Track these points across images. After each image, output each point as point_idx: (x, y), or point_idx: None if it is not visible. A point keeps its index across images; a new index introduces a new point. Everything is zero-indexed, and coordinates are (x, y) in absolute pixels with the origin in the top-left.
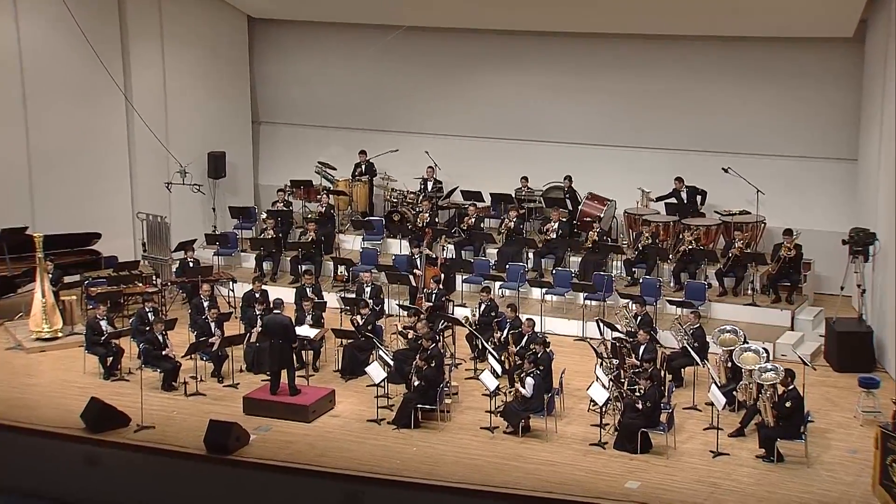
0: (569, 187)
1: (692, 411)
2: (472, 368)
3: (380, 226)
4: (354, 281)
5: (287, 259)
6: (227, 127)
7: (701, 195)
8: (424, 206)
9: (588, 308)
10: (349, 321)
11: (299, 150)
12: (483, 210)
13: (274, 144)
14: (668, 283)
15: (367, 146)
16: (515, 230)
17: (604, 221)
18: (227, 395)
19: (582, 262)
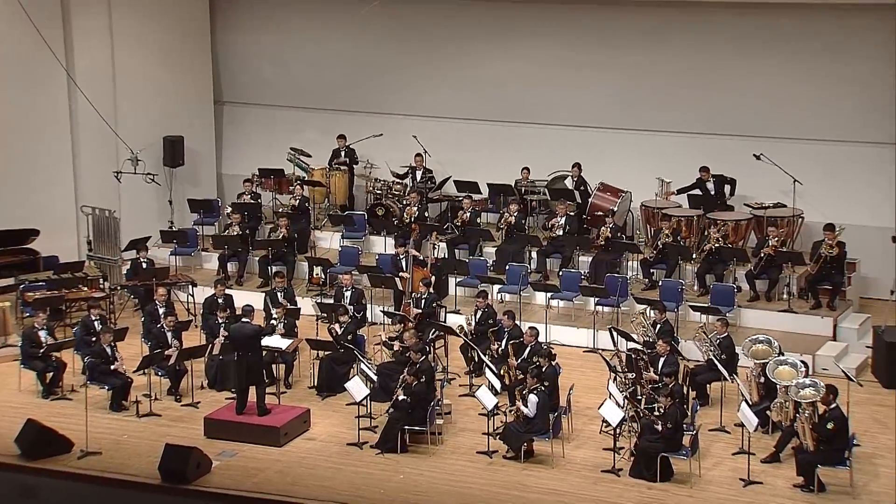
0: (578, 177)
1: (719, 433)
2: (468, 384)
3: (361, 221)
4: (332, 284)
5: (255, 259)
6: (186, 108)
7: (730, 185)
8: (412, 198)
9: (600, 315)
10: (326, 330)
11: (269, 134)
12: (479, 203)
13: (239, 128)
14: (691, 287)
15: (346, 130)
16: (516, 226)
17: (617, 216)
18: (186, 415)
19: (592, 262)
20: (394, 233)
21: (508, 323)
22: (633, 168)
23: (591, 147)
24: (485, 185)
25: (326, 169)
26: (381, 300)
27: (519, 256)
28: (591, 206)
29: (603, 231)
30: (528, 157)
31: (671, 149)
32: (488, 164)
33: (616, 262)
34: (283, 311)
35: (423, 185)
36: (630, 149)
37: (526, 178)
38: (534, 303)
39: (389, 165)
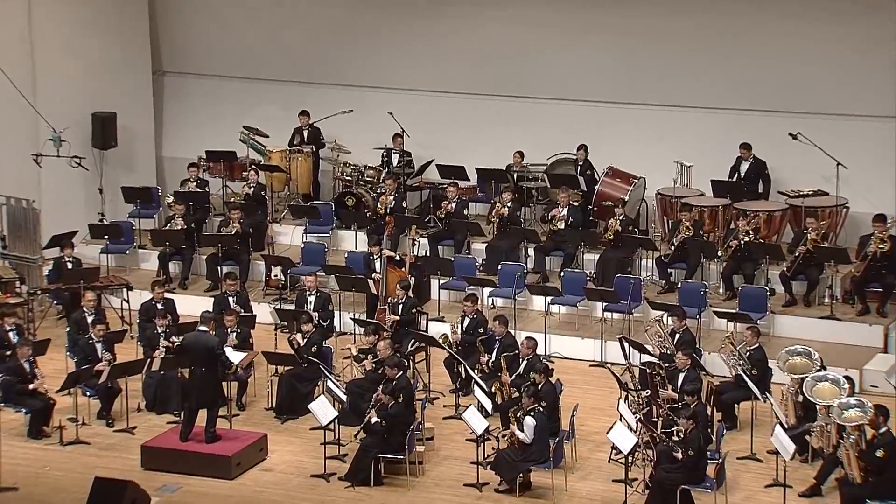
0: (583, 160)
1: (750, 462)
2: (453, 405)
3: (328, 213)
4: (294, 287)
5: (202, 258)
6: (119, 79)
7: (764, 181)
8: (388, 186)
9: (609, 323)
10: (286, 342)
11: (218, 110)
12: (467, 191)
13: (183, 103)
14: (715, 289)
15: (310, 106)
16: (510, 218)
17: (629, 206)
18: (120, 443)
19: (600, 260)
20: (366, 227)
21: (500, 331)
22: (648, 150)
23: (597, 125)
24: (473, 171)
25: (286, 151)
26: (351, 306)
27: (513, 254)
28: (599, 194)
29: (612, 224)
30: (524, 137)
31: (692, 127)
32: (477, 145)
33: (627, 260)
34: (236, 320)
35: (400, 170)
36: (644, 127)
37: (521, 162)
38: (531, 309)
39: (361, 147)
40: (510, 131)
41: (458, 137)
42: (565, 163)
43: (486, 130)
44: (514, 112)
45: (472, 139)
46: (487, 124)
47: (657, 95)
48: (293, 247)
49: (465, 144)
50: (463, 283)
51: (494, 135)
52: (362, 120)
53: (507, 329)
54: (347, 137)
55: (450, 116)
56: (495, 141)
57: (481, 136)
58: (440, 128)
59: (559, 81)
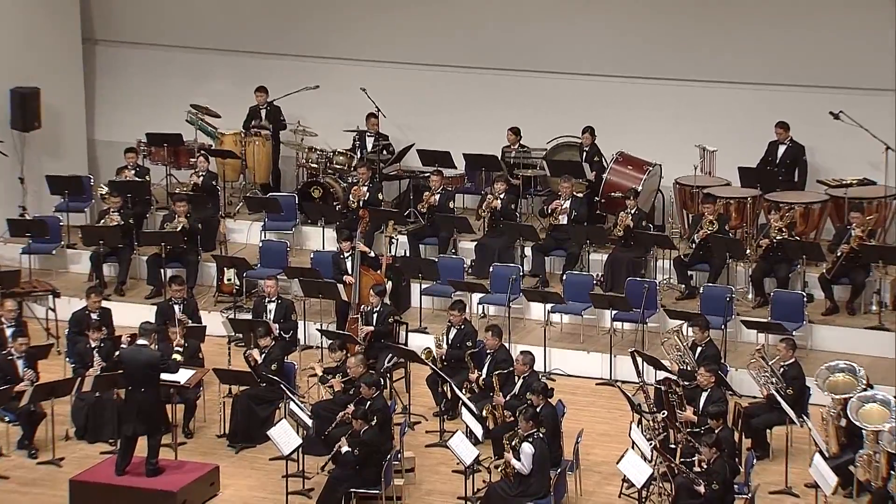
0: (590, 145)
1: (785, 497)
2: (437, 430)
3: (290, 206)
4: (250, 294)
5: (142, 259)
6: (42, 49)
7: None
8: (361, 174)
9: (619, 334)
10: (242, 357)
11: (161, 86)
12: (453, 181)
13: (120, 77)
14: (744, 295)
15: (268, 81)
16: (504, 212)
17: (642, 198)
18: (45, 476)
19: (609, 261)
20: (335, 222)
21: (492, 344)
22: (665, 132)
23: (606, 104)
24: (460, 157)
25: (241, 134)
26: (317, 315)
27: (507, 254)
28: (607, 184)
29: (623, 219)
30: (521, 118)
31: (716, 105)
32: (465, 127)
33: (640, 261)
34: (183, 331)
35: (375, 156)
36: (660, 106)
37: (516, 141)
38: (528, 318)
39: (329, 130)
40: (504, 111)
41: (442, 118)
42: (568, 147)
43: (475, 110)
44: (509, 89)
45: (459, 120)
46: (477, 103)
47: (675, 68)
48: (250, 246)
49: (452, 126)
50: (449, 289)
51: (485, 115)
52: (330, 98)
53: (500, 342)
54: (313, 118)
55: (433, 94)
56: (486, 123)
57: (470, 116)
58: (422, 107)
59: (561, 53)
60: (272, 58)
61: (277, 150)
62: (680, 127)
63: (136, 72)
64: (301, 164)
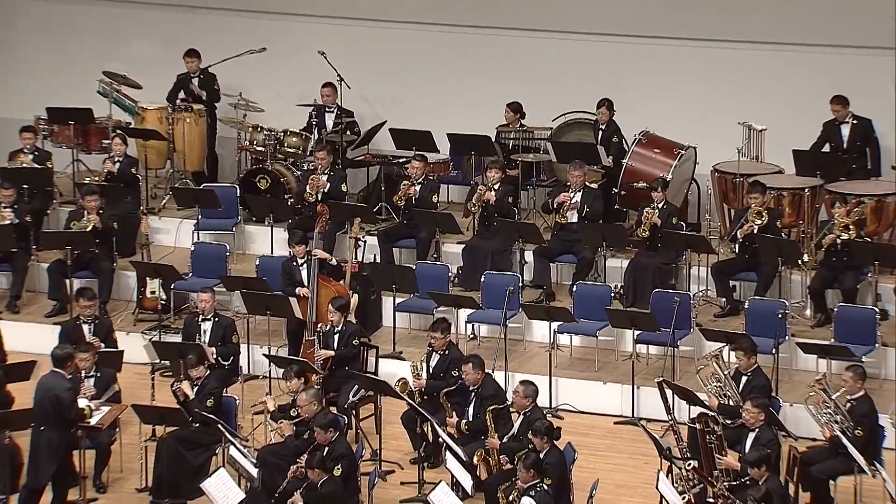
0: (606, 122)
1: None
2: (416, 482)
3: (230, 200)
4: (180, 310)
5: (42, 267)
6: None
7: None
8: (320, 160)
9: (643, 360)
10: (169, 390)
11: (65, 48)
12: (436, 167)
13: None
14: (800, 311)
15: (202, 43)
16: (498, 207)
17: (673, 189)
18: None
19: (631, 268)
20: (287, 220)
21: (473, 379)
22: (700, 106)
23: (626, 71)
24: (444, 138)
25: (168, 109)
26: (263, 337)
27: (503, 259)
28: (629, 172)
29: (648, 215)
30: (520, 89)
31: (765, 73)
32: (451, 101)
33: (670, 268)
34: (93, 358)
35: (337, 136)
36: (694, 74)
37: (515, 125)
38: (529, 339)
39: (278, 104)
40: (499, 82)
41: (422, 90)
42: (579, 126)
43: (463, 80)
44: (505, 53)
45: (443, 92)
46: (465, 71)
47: (713, 27)
48: (179, 250)
49: (433, 100)
50: (430, 303)
51: (476, 86)
52: (280, 63)
53: (482, 374)
54: (258, 89)
55: (410, 59)
56: (477, 95)
57: (457, 87)
58: (396, 75)
59: (571, 7)
60: (206, 13)
61: (214, 130)
62: (719, 100)
63: (33, 30)
64: (244, 148)
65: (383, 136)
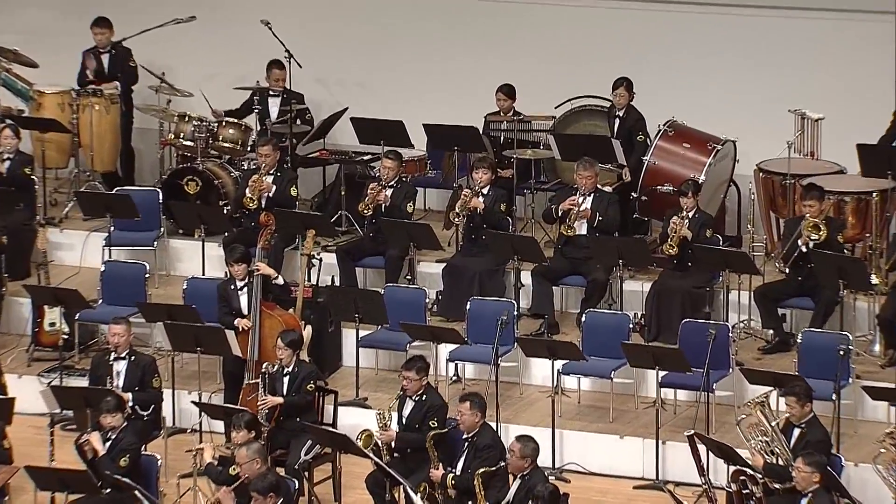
0: (624, 108)
1: None
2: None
3: (151, 207)
4: (87, 347)
5: None
6: None
7: None
8: (264, 157)
9: (670, 408)
10: (74, 447)
11: None
12: (409, 167)
13: None
14: (868, 347)
15: (113, 11)
16: (488, 217)
17: (707, 193)
18: None
19: (654, 293)
20: (222, 232)
21: (471, 424)
22: (741, 91)
23: (647, 47)
24: (419, 129)
25: (72, 94)
26: (193, 380)
27: (494, 282)
28: (651, 172)
29: (676, 226)
30: (515, 69)
31: (821, 47)
32: (428, 84)
33: (703, 292)
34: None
35: (284, 127)
36: (731, 49)
37: (509, 114)
38: (527, 382)
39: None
40: (489, 60)
41: (392, 70)
42: (589, 114)
43: (444, 56)
44: (496, 23)
45: (418, 73)
46: (447, 45)
47: None
48: (86, 270)
49: (406, 83)
50: (402, 337)
51: (459, 66)
52: (213, 36)
53: (482, 419)
54: (186, 68)
55: (377, 30)
56: (461, 77)
57: (435, 67)
58: (359, 51)
59: None
60: None
61: (130, 120)
62: (765, 82)
63: None
64: (167, 142)
65: (343, 127)
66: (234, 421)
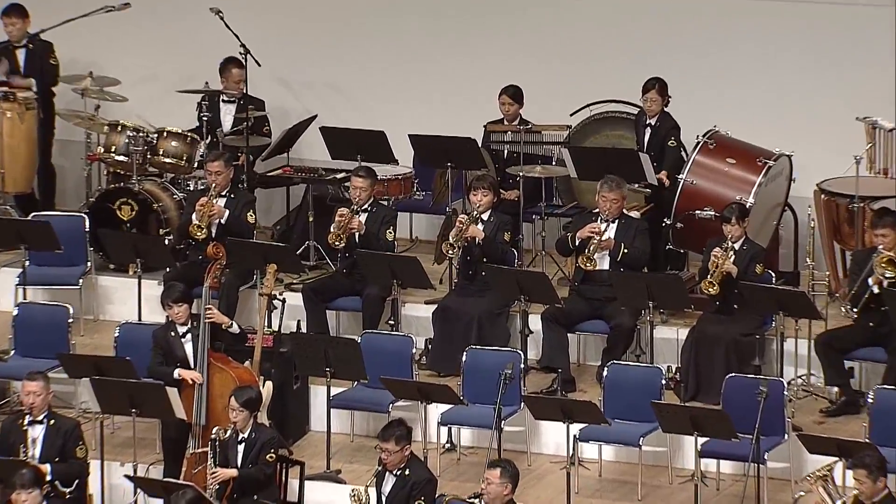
0: (657, 117)
1: None
2: None
3: (75, 236)
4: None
5: None
6: None
7: None
8: (214, 175)
9: (712, 483)
10: None
11: None
12: (392, 188)
13: None
14: None
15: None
16: (489, 248)
17: (757, 219)
18: None
19: (692, 341)
20: (163, 268)
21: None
22: (796, 94)
23: (682, 41)
24: (404, 141)
25: None
26: (126, 449)
27: (496, 327)
28: (688, 194)
29: (718, 260)
30: (520, 68)
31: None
32: (414, 87)
33: (752, 341)
34: None
35: (238, 139)
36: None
37: (514, 122)
38: (537, 451)
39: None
40: (490, 56)
41: (372, 69)
42: (612, 123)
43: (435, 54)
44: (499, 12)
45: (404, 73)
46: (439, 40)
47: None
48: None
49: (388, 85)
50: (383, 396)
51: (455, 63)
52: (152, 27)
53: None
54: (119, 67)
55: (353, 22)
56: (456, 76)
57: (425, 65)
58: (331, 47)
59: None
60: None
61: (50, 130)
62: (826, 85)
63: None
64: (96, 157)
65: (312, 138)
66: (174, 499)
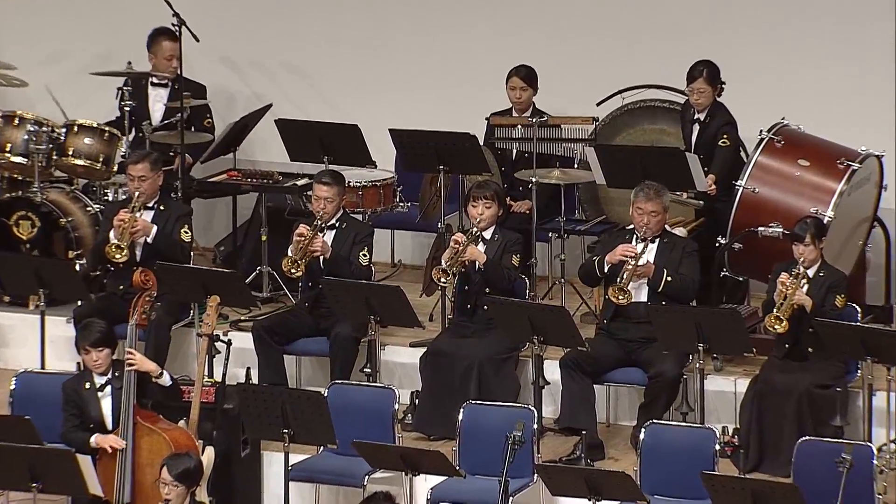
0: (707, 109)
1: None
2: None
3: None
4: None
5: None
6: None
7: None
8: (138, 181)
9: None
10: None
11: None
12: (367, 197)
13: None
14: None
15: None
16: (491, 274)
17: (837, 238)
18: None
19: (754, 395)
20: (74, 301)
21: None
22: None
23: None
24: (384, 138)
25: None
26: None
27: (502, 378)
28: (748, 205)
29: (787, 290)
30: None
31: None
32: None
33: (832, 394)
34: None
35: (171, 135)
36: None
37: (526, 113)
38: None
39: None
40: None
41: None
42: (652, 114)
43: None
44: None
45: (381, 51)
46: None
47: None
48: None
49: (363, 67)
50: (357, 465)
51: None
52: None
53: None
54: (16, 44)
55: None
56: (449, 57)
57: (409, 42)
58: (289, 19)
59: None
60: None
61: None
62: None
63: None
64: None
65: (265, 134)
66: None
